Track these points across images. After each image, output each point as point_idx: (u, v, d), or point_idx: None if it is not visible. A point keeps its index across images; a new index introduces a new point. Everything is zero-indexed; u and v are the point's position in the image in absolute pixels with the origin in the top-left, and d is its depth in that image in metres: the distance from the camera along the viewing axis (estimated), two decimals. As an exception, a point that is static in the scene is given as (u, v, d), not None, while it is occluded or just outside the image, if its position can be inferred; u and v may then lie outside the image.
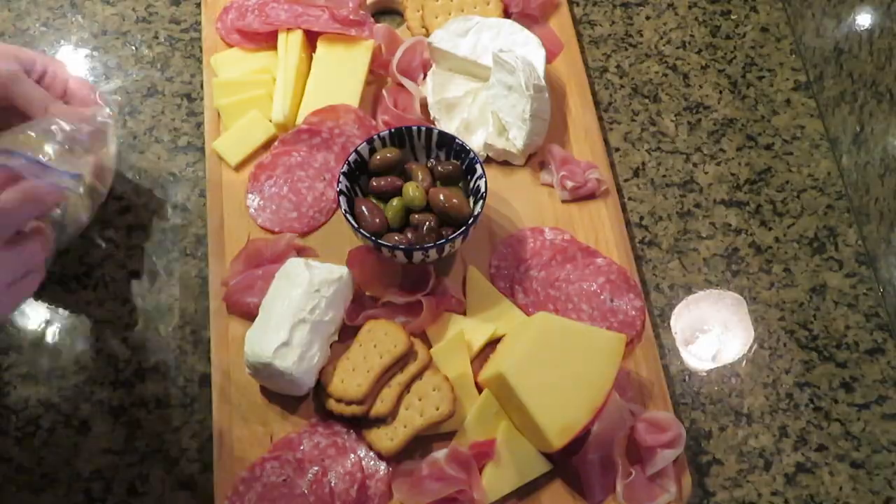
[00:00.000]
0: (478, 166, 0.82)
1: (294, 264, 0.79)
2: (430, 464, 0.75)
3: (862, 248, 0.91)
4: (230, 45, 0.95)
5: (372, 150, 0.84)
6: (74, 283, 0.85)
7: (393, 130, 0.84)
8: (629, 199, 0.92)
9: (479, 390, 0.79)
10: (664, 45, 1.01)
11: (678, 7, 1.04)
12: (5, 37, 0.97)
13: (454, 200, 0.81)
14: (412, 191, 0.81)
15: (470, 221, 0.79)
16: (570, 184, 0.88)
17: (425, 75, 0.93)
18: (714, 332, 0.87)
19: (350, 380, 0.76)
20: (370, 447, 0.76)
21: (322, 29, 0.93)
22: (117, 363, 0.82)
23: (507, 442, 0.76)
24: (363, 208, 0.81)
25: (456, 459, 0.74)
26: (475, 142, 0.90)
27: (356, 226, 0.79)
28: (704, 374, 0.85)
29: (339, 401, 0.76)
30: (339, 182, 0.81)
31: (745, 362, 0.85)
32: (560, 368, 0.75)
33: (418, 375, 0.78)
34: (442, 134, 0.84)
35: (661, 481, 0.76)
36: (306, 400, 0.79)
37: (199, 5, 0.99)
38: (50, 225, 0.72)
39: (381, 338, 0.78)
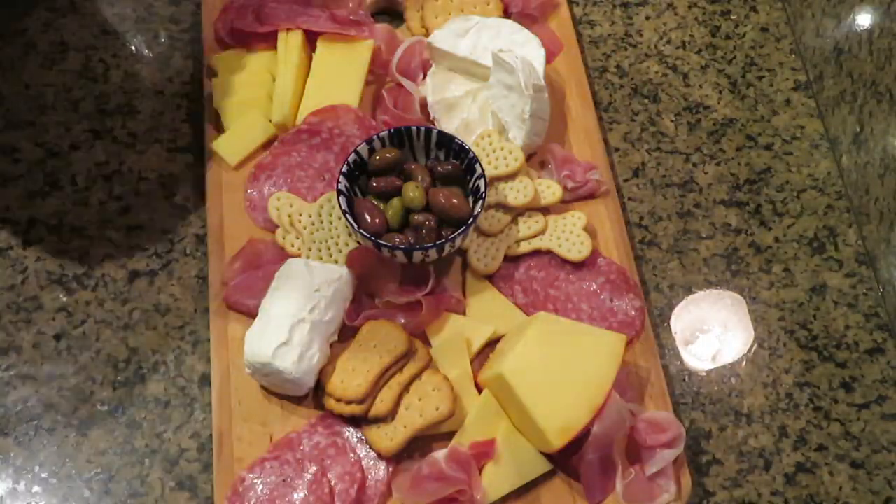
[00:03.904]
0: (477, 166, 0.82)
1: (294, 264, 0.79)
2: (430, 464, 0.75)
3: (862, 248, 0.91)
4: (230, 45, 0.95)
5: (372, 151, 0.84)
6: (74, 283, 0.85)
7: (393, 130, 0.84)
8: (629, 199, 0.92)
9: (479, 390, 0.79)
10: (664, 45, 1.01)
11: (678, 7, 1.04)
12: (5, 37, 0.97)
13: (454, 200, 0.81)
14: (412, 191, 0.81)
15: (470, 221, 0.79)
16: (570, 184, 0.88)
17: (425, 75, 0.93)
18: (714, 332, 0.87)
19: (350, 380, 0.76)
20: (370, 447, 0.76)
21: (322, 29, 0.93)
22: (117, 363, 0.82)
23: (507, 442, 0.76)
24: (363, 208, 0.81)
25: (456, 459, 0.74)
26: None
27: (356, 226, 0.79)
28: (704, 374, 0.85)
29: (338, 400, 0.76)
30: (338, 182, 0.81)
31: (745, 362, 0.85)
32: (560, 368, 0.75)
33: (418, 375, 0.78)
34: (442, 134, 0.84)
35: (660, 481, 0.76)
36: (306, 400, 0.79)
37: (199, 5, 0.99)
38: None
39: (381, 338, 0.78)
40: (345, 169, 0.82)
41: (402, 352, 0.77)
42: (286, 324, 0.75)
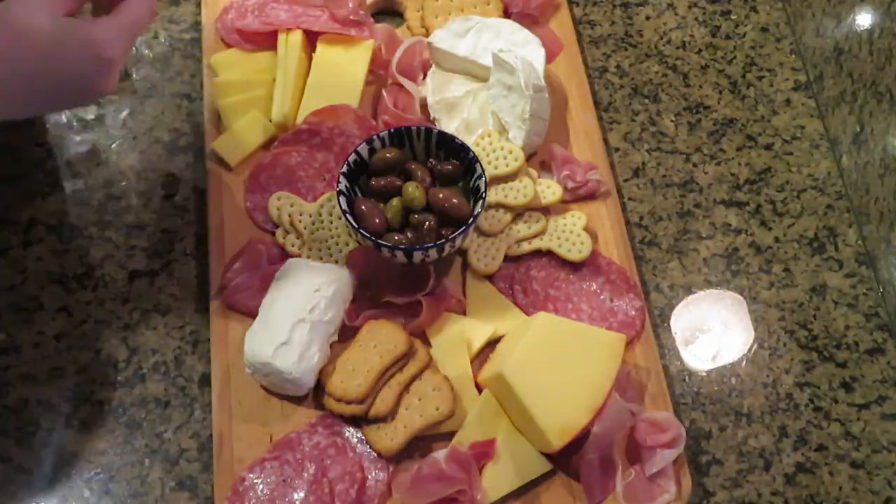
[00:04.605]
0: (477, 166, 0.82)
1: (294, 264, 0.79)
2: (430, 464, 0.75)
3: (862, 248, 0.91)
4: (230, 45, 0.95)
5: (372, 151, 0.84)
6: (74, 283, 0.85)
7: (393, 130, 0.84)
8: (629, 199, 0.92)
9: (479, 390, 0.79)
10: (664, 45, 1.01)
11: (678, 7, 1.04)
12: (5, 37, 0.97)
13: (454, 200, 0.81)
14: (412, 191, 0.81)
15: (470, 221, 0.79)
16: (570, 184, 0.88)
17: (425, 75, 0.93)
18: (714, 332, 0.87)
19: (350, 380, 0.76)
20: (370, 447, 0.76)
21: (322, 29, 0.93)
22: (117, 363, 0.82)
23: (507, 442, 0.76)
24: (363, 208, 0.81)
25: (456, 459, 0.74)
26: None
27: (356, 226, 0.79)
28: (704, 374, 0.85)
29: (339, 401, 0.76)
30: (338, 182, 0.81)
31: (745, 362, 0.85)
32: (560, 368, 0.75)
33: (418, 375, 0.78)
34: (442, 134, 0.84)
35: (660, 481, 0.76)
36: (306, 400, 0.79)
37: (199, 5, 0.99)
38: None
39: (381, 338, 0.78)
40: (345, 169, 0.82)
41: (402, 352, 0.77)
42: (286, 324, 0.75)
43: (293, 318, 0.76)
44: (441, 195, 0.81)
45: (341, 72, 0.91)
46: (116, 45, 0.68)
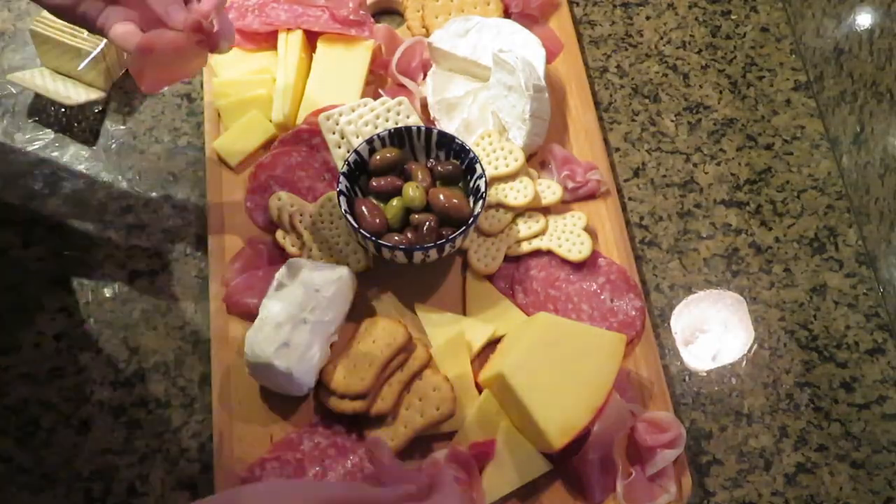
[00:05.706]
0: (478, 166, 0.82)
1: (294, 264, 0.79)
2: (430, 464, 0.75)
3: (862, 248, 0.91)
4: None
5: (372, 150, 0.84)
6: (75, 283, 0.85)
7: (393, 130, 0.84)
8: (629, 199, 0.92)
9: (479, 390, 0.79)
10: (664, 45, 1.01)
11: (678, 7, 1.04)
12: (5, 37, 0.97)
13: (454, 200, 0.81)
14: (412, 191, 0.81)
15: (470, 221, 0.79)
16: (570, 184, 0.88)
17: (425, 75, 0.93)
18: (714, 332, 0.86)
19: (352, 375, 0.76)
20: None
21: (322, 29, 0.93)
22: (117, 363, 0.82)
23: (507, 442, 0.76)
24: (363, 208, 0.81)
25: (456, 459, 0.74)
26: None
27: (356, 226, 0.79)
28: (704, 374, 0.85)
29: (342, 397, 0.76)
30: (338, 182, 0.81)
31: (745, 362, 0.85)
32: (560, 368, 0.75)
33: (418, 374, 0.78)
34: (442, 134, 0.84)
35: (661, 481, 0.76)
36: (306, 400, 0.79)
37: (199, 5, 0.99)
38: None
39: (379, 332, 0.78)
40: (345, 169, 0.82)
41: (402, 343, 0.77)
42: (286, 324, 0.75)
43: (293, 318, 0.76)
44: (441, 195, 0.81)
45: (341, 72, 0.91)
46: None
